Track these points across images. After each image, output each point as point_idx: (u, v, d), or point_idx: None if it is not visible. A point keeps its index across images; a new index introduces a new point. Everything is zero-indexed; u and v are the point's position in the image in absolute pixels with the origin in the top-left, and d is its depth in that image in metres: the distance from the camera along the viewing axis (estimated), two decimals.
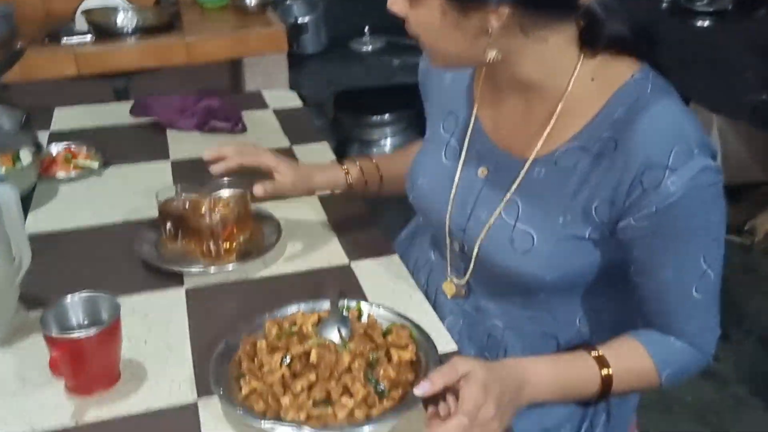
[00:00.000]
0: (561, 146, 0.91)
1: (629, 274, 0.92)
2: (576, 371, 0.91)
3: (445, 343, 0.95)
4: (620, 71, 0.88)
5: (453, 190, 1.01)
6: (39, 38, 2.30)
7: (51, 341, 0.82)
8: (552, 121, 0.91)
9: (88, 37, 2.33)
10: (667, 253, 0.87)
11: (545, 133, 0.91)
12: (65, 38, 2.32)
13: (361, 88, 2.72)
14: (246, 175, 1.18)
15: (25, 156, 1.25)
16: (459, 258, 1.03)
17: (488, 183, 0.98)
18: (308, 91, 2.88)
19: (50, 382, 0.87)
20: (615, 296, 0.96)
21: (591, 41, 0.88)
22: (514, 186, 0.94)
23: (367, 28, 2.80)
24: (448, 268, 1.06)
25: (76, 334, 0.83)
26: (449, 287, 1.06)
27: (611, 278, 0.94)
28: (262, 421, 0.79)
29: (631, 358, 0.92)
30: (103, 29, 2.36)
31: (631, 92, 0.87)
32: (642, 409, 1.12)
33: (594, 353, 0.91)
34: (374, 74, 2.70)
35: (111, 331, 0.85)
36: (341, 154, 3.10)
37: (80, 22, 2.41)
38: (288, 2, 2.80)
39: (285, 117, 1.73)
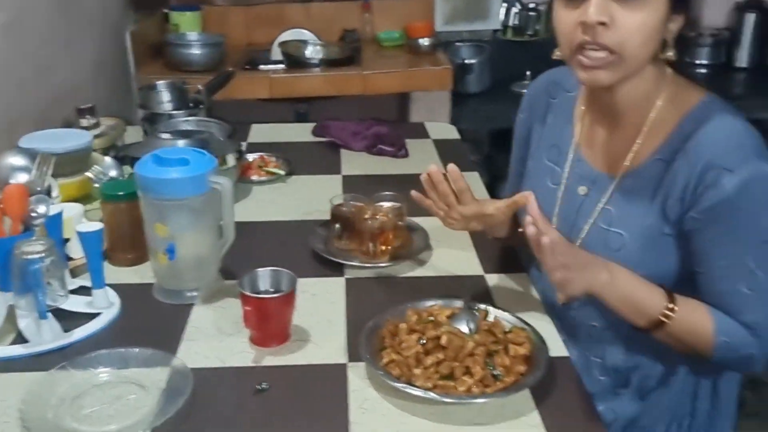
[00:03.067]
0: (645, 160, 1.07)
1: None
2: (647, 289, 1.04)
3: (557, 348, 1.10)
4: (692, 95, 1.05)
5: (557, 208, 1.19)
6: (241, 64, 2.68)
7: (245, 298, 1.07)
8: (639, 140, 1.08)
9: (281, 66, 2.69)
10: (718, 247, 1.00)
11: (633, 150, 1.09)
12: (262, 65, 2.69)
13: None
14: (403, 192, 1.39)
15: (230, 160, 1.55)
16: None
17: (587, 199, 1.15)
18: (466, 127, 3.07)
19: (238, 333, 1.12)
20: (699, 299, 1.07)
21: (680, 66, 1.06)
22: (607, 197, 1.11)
23: (528, 72, 2.97)
24: None
25: (263, 296, 1.07)
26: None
27: (693, 282, 1.05)
28: (398, 384, 0.98)
29: (695, 312, 1.04)
30: (294, 59, 2.71)
31: (701, 111, 1.03)
32: None
33: (667, 291, 1.04)
34: None
35: (288, 298, 1.08)
36: (492, 189, 3.25)
37: (275, 53, 2.78)
38: (457, 44, 3.04)
39: (443, 147, 1.94)
